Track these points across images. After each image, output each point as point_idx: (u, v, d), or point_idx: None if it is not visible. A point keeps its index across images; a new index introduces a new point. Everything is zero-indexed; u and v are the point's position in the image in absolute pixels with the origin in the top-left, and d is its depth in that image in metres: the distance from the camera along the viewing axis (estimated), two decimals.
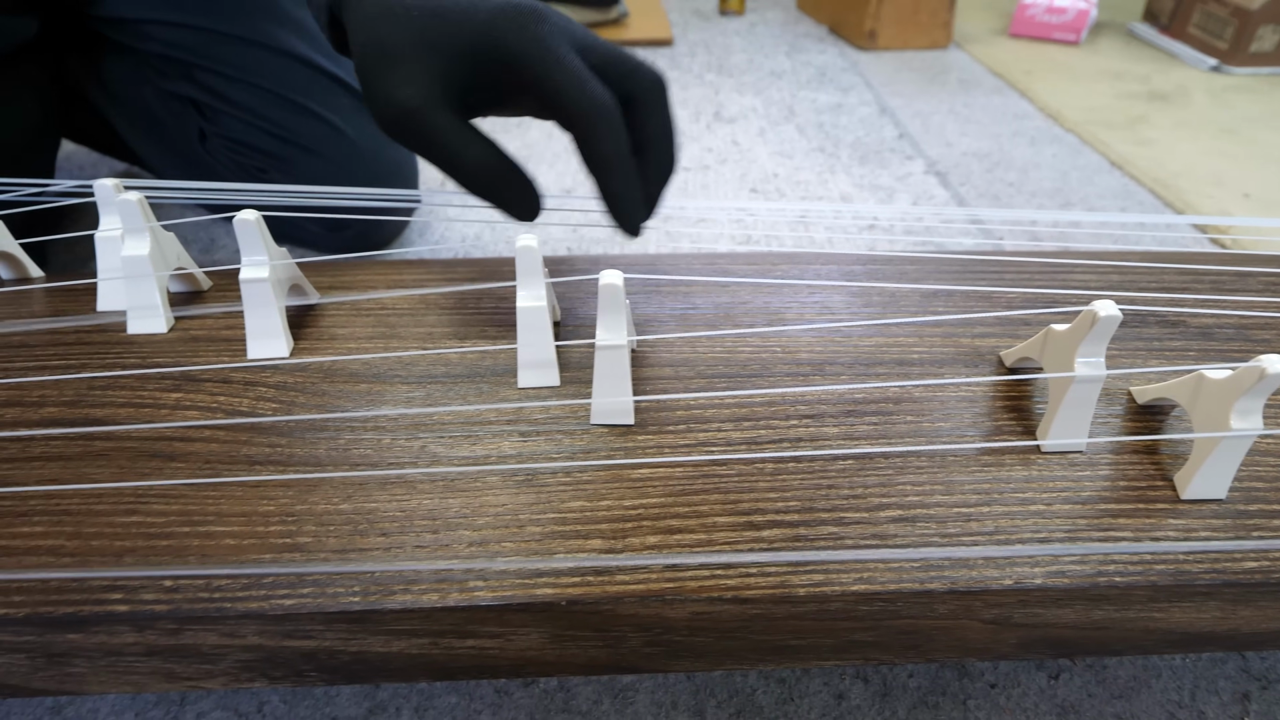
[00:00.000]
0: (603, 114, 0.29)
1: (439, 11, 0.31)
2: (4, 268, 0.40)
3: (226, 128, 0.64)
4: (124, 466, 0.28)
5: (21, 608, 0.25)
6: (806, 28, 1.54)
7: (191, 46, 0.62)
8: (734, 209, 0.74)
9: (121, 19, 0.62)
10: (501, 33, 0.30)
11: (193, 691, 0.32)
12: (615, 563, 0.26)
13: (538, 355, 0.31)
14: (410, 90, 0.30)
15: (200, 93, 0.63)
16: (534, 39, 0.30)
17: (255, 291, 0.31)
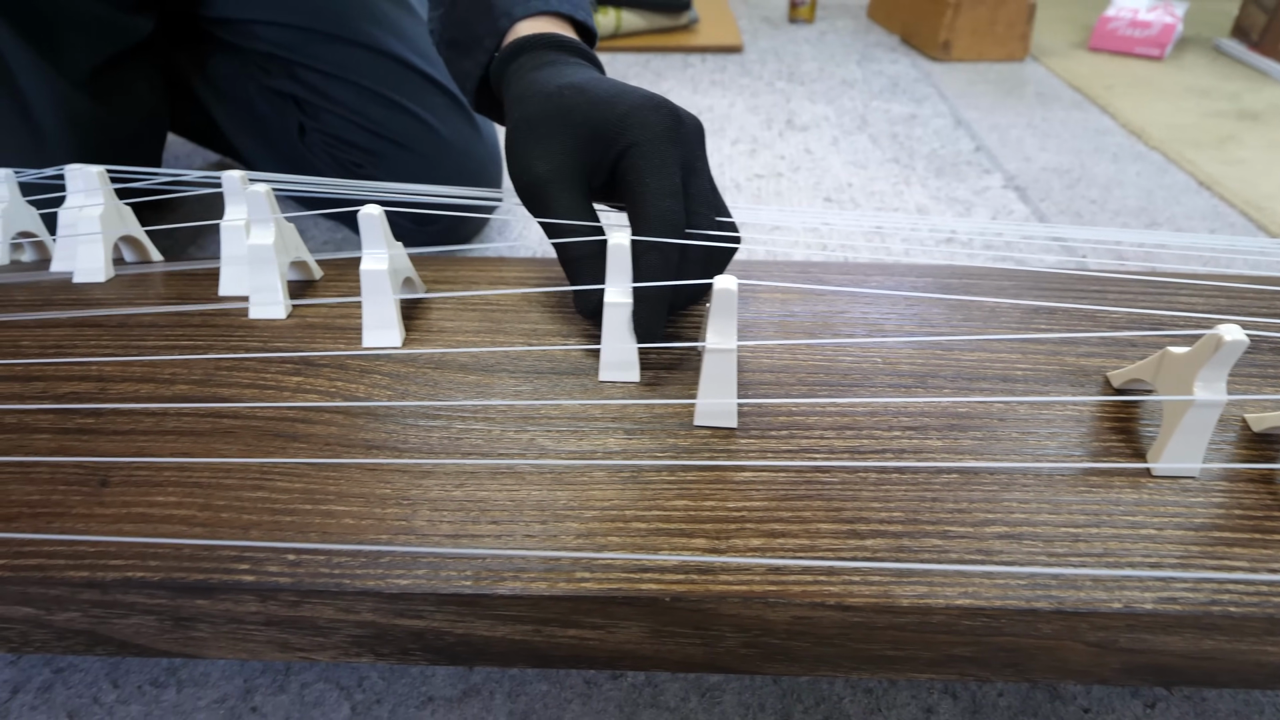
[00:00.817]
0: (666, 228, 0.31)
1: (587, 95, 0.34)
2: (128, 250, 0.42)
3: (326, 124, 0.66)
4: (250, 444, 0.30)
5: (157, 572, 0.27)
6: (877, 37, 1.53)
7: (294, 46, 0.64)
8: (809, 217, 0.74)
9: (229, 19, 0.65)
10: (632, 125, 0.32)
11: (299, 662, 0.34)
12: (719, 562, 0.26)
13: (620, 354, 0.31)
14: (545, 165, 0.33)
15: (302, 90, 0.65)
16: (653, 140, 0.32)
17: (374, 283, 0.33)
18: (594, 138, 0.33)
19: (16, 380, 0.33)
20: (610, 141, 0.32)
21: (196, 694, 0.32)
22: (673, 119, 0.33)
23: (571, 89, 0.34)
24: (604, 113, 0.33)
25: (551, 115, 0.34)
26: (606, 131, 0.32)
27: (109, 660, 0.34)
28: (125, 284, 0.39)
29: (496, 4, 0.40)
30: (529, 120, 0.34)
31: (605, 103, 0.33)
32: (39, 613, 0.28)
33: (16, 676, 0.33)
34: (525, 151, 0.34)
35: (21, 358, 0.34)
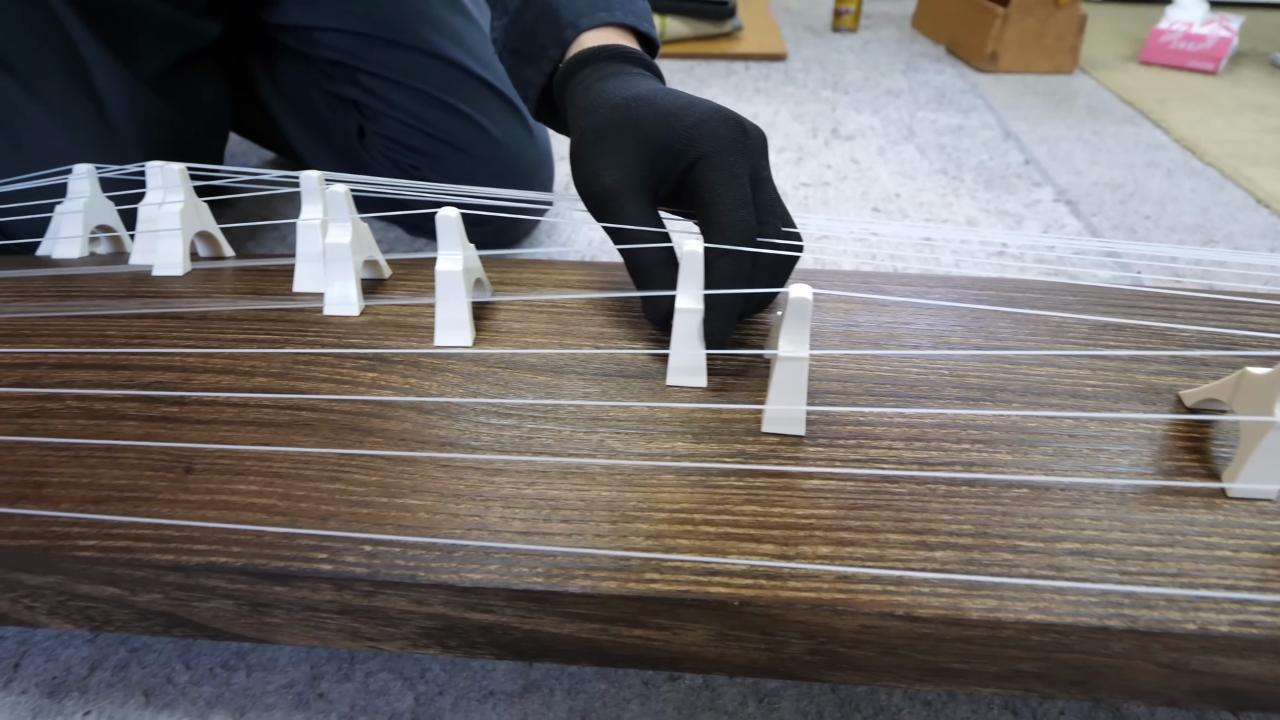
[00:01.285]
0: (739, 237, 0.31)
1: (655, 108, 0.34)
2: (202, 245, 0.43)
3: (385, 127, 0.68)
4: (328, 436, 0.31)
5: (239, 557, 0.28)
6: (922, 47, 1.52)
7: (356, 52, 0.66)
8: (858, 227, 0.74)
9: (295, 26, 0.67)
10: (701, 137, 0.33)
11: (363, 651, 0.34)
12: (787, 568, 0.26)
13: (689, 359, 0.32)
14: (614, 175, 0.34)
15: (363, 95, 0.67)
16: (722, 151, 0.32)
17: (449, 283, 0.33)
18: (663, 150, 0.33)
19: (104, 368, 0.34)
20: (679, 154, 0.33)
21: (265, 678, 0.33)
22: (740, 131, 0.33)
23: (639, 101, 0.35)
24: (672, 125, 0.33)
25: (620, 127, 0.34)
26: (675, 143, 0.33)
27: (180, 642, 0.35)
28: (202, 278, 0.40)
29: (563, 15, 0.41)
30: (597, 131, 0.35)
31: (673, 115, 0.34)
32: (123, 593, 0.29)
33: (94, 654, 0.34)
34: (594, 162, 0.34)
35: (108, 347, 0.35)
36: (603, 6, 0.41)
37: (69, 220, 0.45)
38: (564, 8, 0.41)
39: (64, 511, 0.29)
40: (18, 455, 0.31)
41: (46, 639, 0.35)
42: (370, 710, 0.32)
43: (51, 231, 0.46)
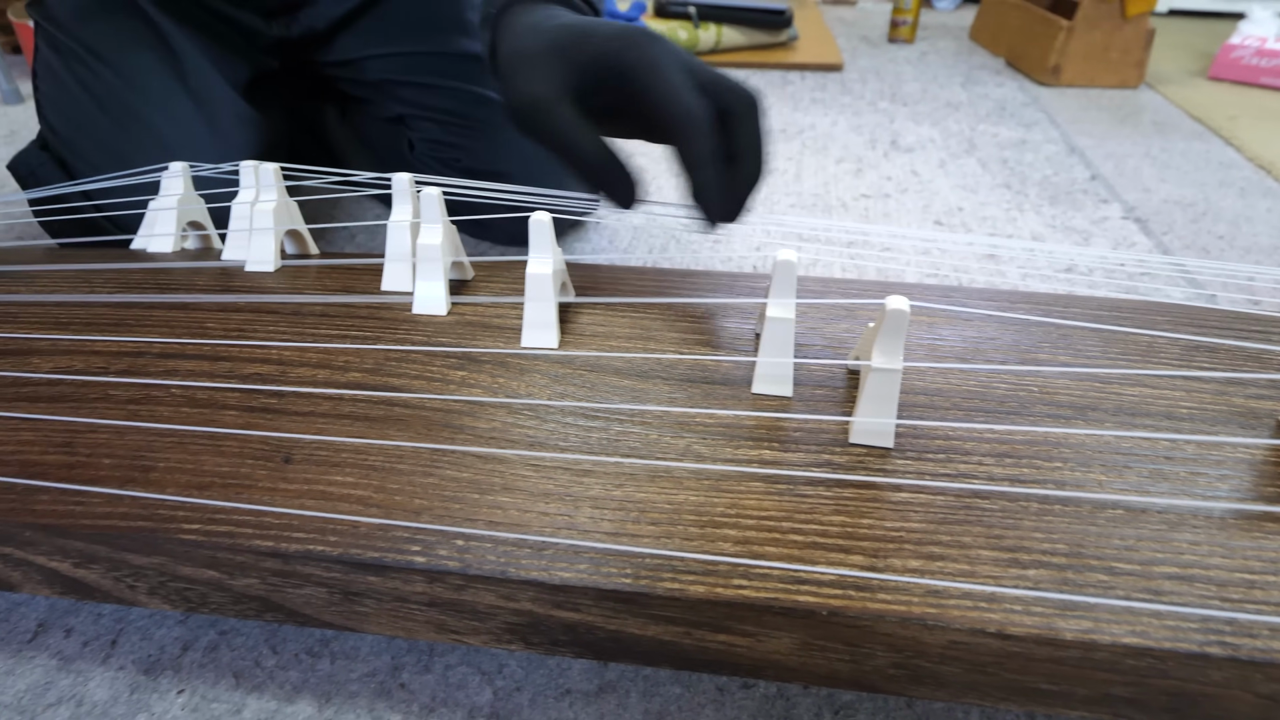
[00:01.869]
0: (695, 120, 0.33)
1: (570, 28, 0.36)
2: (290, 243, 0.45)
3: (427, 132, 0.71)
4: (420, 432, 0.31)
5: (336, 547, 0.29)
6: (981, 59, 1.50)
7: (399, 69, 0.70)
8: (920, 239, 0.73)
9: (346, 60, 0.71)
10: (618, 49, 0.34)
11: (445, 644, 0.35)
12: (877, 580, 0.26)
13: (776, 368, 0.32)
14: (541, 86, 0.35)
15: (406, 108, 0.71)
16: (645, 56, 0.34)
17: (539, 285, 0.34)
18: (588, 65, 0.35)
19: (205, 359, 0.35)
20: (606, 69, 0.35)
21: (349, 666, 0.34)
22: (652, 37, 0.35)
23: (564, 27, 0.37)
24: (593, 41, 0.35)
25: (544, 47, 0.36)
26: (600, 59, 0.35)
27: (267, 627, 0.36)
28: (292, 274, 0.41)
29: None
30: (520, 52, 0.37)
31: (593, 32, 0.35)
32: (222, 576, 0.30)
33: (185, 635, 0.36)
34: (518, 75, 0.36)
35: (208, 338, 0.36)
36: None
37: (163, 216, 0.47)
38: None
39: (170, 495, 0.30)
40: (126, 440, 0.32)
41: (141, 618, 0.37)
42: (450, 703, 0.33)
43: (146, 227, 0.48)
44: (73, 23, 0.59)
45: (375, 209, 0.80)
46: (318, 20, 0.68)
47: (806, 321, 0.36)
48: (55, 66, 0.59)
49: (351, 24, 0.70)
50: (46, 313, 0.39)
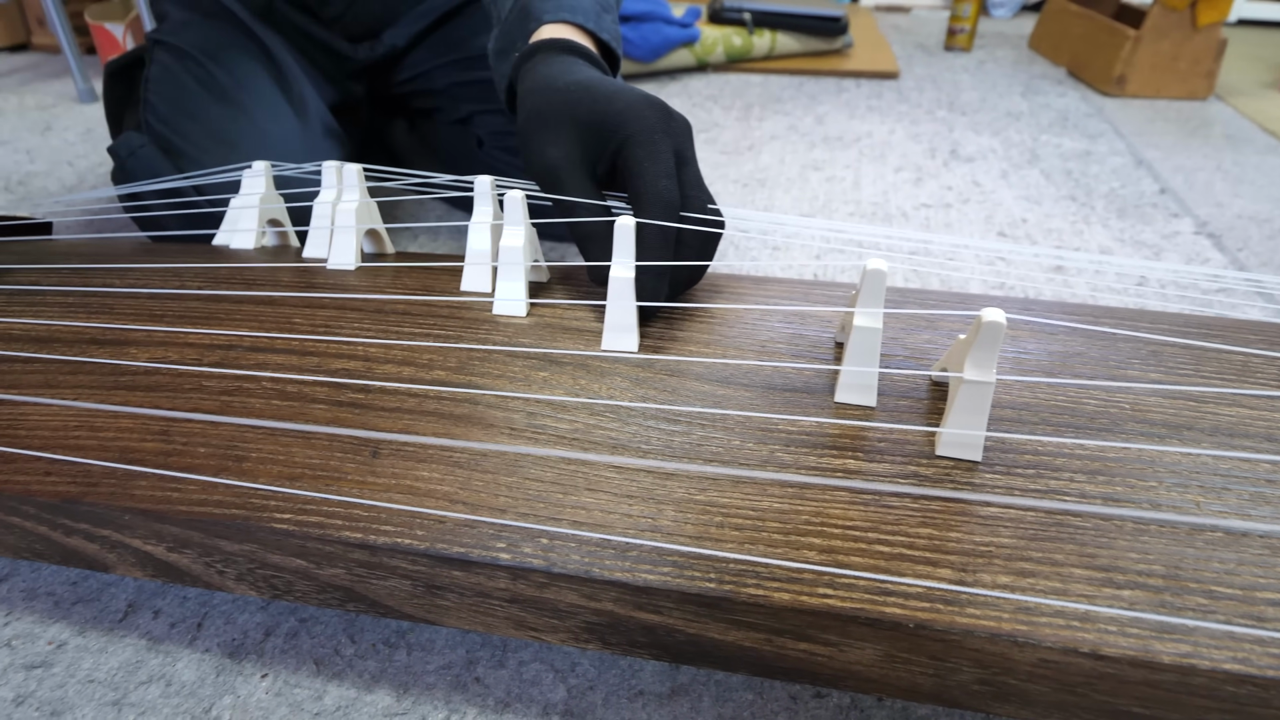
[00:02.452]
0: (665, 205, 0.35)
1: (584, 89, 0.38)
2: (369, 242, 0.46)
3: (492, 124, 0.74)
4: (504, 432, 0.32)
5: (423, 541, 0.29)
6: (1041, 68, 1.48)
7: (464, 70, 0.73)
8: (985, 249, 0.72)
9: (415, 75, 0.76)
10: (629, 120, 0.36)
11: (521, 640, 0.36)
12: (965, 593, 0.26)
13: (861, 378, 0.32)
14: (554, 151, 0.38)
15: (472, 105, 0.74)
16: (648, 131, 0.36)
17: (621, 289, 0.34)
18: (596, 131, 0.37)
19: (294, 353, 0.36)
20: (610, 135, 0.37)
21: (424, 658, 0.35)
22: (665, 115, 0.37)
23: (577, 86, 0.39)
24: (604, 109, 0.37)
25: (559, 109, 0.38)
26: (607, 126, 0.37)
27: (345, 616, 0.37)
28: (372, 273, 0.42)
29: (531, 12, 0.47)
30: (539, 112, 0.39)
31: (606, 99, 0.37)
32: (309, 566, 0.31)
33: (267, 621, 0.37)
34: (538, 139, 0.38)
35: (296, 333, 0.37)
36: (567, 8, 0.46)
37: (246, 214, 0.48)
38: (534, 7, 0.46)
39: (262, 485, 0.31)
40: (219, 430, 0.33)
41: (224, 602, 0.38)
42: (525, 698, 0.33)
43: (229, 224, 0.49)
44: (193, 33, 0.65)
45: (437, 210, 0.81)
46: (398, 38, 0.73)
47: (887, 331, 0.36)
48: (172, 66, 0.64)
49: (426, 38, 0.74)
50: (141, 305, 0.40)
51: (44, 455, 0.33)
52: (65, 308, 0.41)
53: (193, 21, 0.67)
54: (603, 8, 0.49)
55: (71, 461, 0.33)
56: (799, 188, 0.89)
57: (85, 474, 0.32)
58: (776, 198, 0.86)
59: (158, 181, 0.57)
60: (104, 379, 0.36)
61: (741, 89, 1.31)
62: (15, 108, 1.22)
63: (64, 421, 0.34)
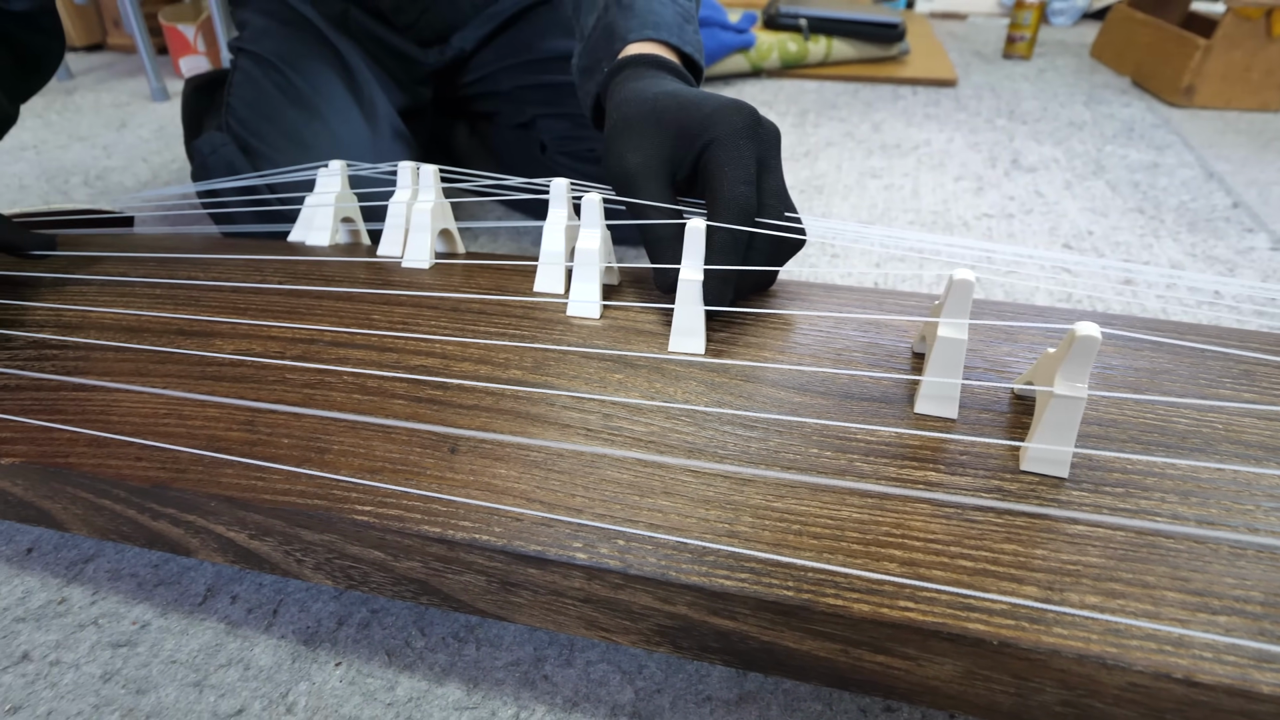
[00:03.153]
0: (740, 210, 0.34)
1: (671, 97, 0.39)
2: (441, 242, 0.47)
3: (557, 129, 0.74)
4: (580, 432, 0.32)
5: (501, 537, 0.29)
6: (1104, 77, 1.44)
7: (530, 74, 0.74)
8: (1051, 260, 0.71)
9: (480, 78, 0.77)
10: (715, 123, 0.36)
11: (583, 639, 0.36)
12: (1053, 612, 0.26)
13: (943, 389, 0.31)
14: (636, 158, 0.38)
15: (537, 108, 0.75)
16: (733, 134, 0.36)
17: (690, 292, 0.34)
18: (680, 135, 0.37)
19: (373, 349, 0.37)
20: (695, 138, 0.36)
21: (493, 654, 0.35)
22: (752, 120, 0.36)
23: (665, 95, 0.39)
24: (691, 113, 0.37)
25: (645, 117, 0.39)
26: (692, 129, 0.37)
27: (415, 609, 0.37)
28: (446, 272, 0.43)
29: (616, 31, 0.47)
30: (626, 120, 0.39)
31: (693, 105, 0.37)
32: (387, 558, 0.32)
33: (339, 610, 0.37)
34: (620, 147, 0.39)
35: (375, 329, 0.38)
36: (651, 25, 0.47)
37: (321, 212, 0.49)
38: (619, 26, 0.47)
39: (344, 477, 0.32)
40: (303, 422, 0.34)
41: (298, 591, 0.39)
42: (593, 698, 0.33)
43: (304, 221, 0.50)
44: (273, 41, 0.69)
45: (496, 211, 0.82)
46: (466, 42, 0.75)
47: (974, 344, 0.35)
48: (252, 72, 0.67)
49: (492, 41, 0.76)
50: (225, 298, 0.42)
51: (135, 441, 0.34)
52: (153, 298, 0.42)
53: (272, 30, 0.70)
54: (684, 18, 0.49)
55: (161, 448, 0.34)
56: (857, 195, 0.89)
57: (174, 460, 0.34)
58: (834, 204, 0.86)
59: (233, 179, 0.59)
60: (191, 369, 0.37)
61: (796, 95, 1.30)
62: (92, 105, 1.27)
63: (154, 409, 0.36)
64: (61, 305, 0.43)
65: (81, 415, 0.36)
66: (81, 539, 0.42)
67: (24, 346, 0.40)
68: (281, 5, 0.71)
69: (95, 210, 0.58)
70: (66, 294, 0.44)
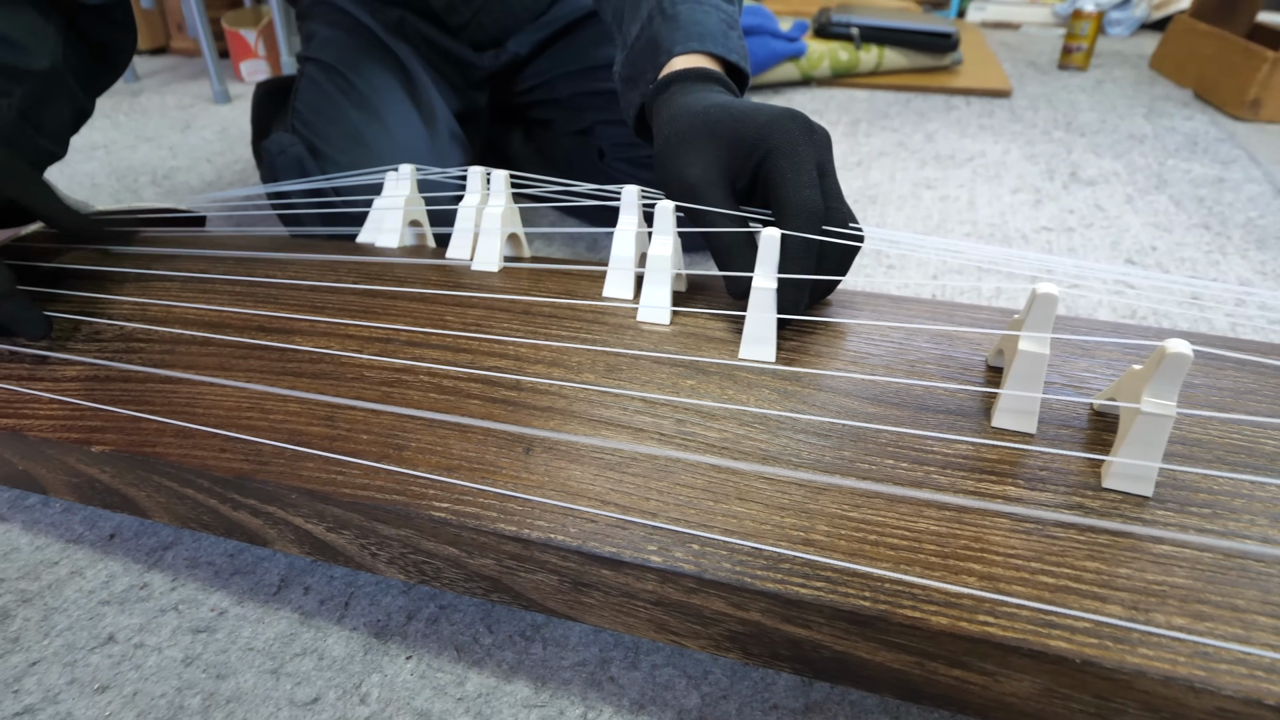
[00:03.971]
0: (809, 215, 0.35)
1: (723, 109, 0.39)
2: (509, 247, 0.47)
3: (613, 136, 0.75)
4: (655, 437, 0.33)
5: (576, 538, 0.30)
6: (1164, 89, 1.41)
7: (588, 81, 0.75)
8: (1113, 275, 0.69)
9: (537, 85, 0.79)
10: (772, 132, 0.37)
11: (648, 643, 0.36)
12: (1139, 632, 0.25)
13: (1023, 403, 0.31)
14: (697, 170, 0.38)
15: (596, 115, 0.76)
16: (791, 142, 0.36)
17: (763, 300, 0.35)
18: (738, 146, 0.37)
19: (448, 349, 0.38)
20: (753, 148, 0.37)
21: (559, 654, 0.35)
22: (807, 127, 0.37)
23: (716, 108, 0.40)
24: (746, 124, 0.38)
25: (699, 130, 0.39)
26: (749, 139, 0.37)
27: (482, 606, 0.38)
28: (514, 275, 0.44)
29: (661, 43, 0.47)
30: (680, 134, 0.40)
31: (747, 116, 0.38)
32: (461, 554, 0.32)
33: (408, 605, 0.38)
34: (678, 160, 0.39)
35: (449, 330, 0.39)
36: (696, 37, 0.47)
37: (391, 214, 0.50)
38: (664, 38, 0.47)
39: (422, 473, 0.32)
40: (381, 418, 0.35)
41: (368, 584, 0.39)
42: (659, 702, 0.33)
43: (373, 222, 0.52)
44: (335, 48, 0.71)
45: (550, 216, 0.83)
46: (522, 46, 0.76)
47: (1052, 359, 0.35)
48: (317, 77, 0.70)
49: (548, 48, 0.77)
50: (303, 297, 0.43)
51: (219, 432, 0.36)
52: (234, 295, 0.44)
53: (336, 38, 0.72)
54: (728, 25, 0.50)
55: (244, 440, 0.35)
56: (911, 206, 0.88)
57: (257, 452, 0.35)
58: (889, 215, 0.85)
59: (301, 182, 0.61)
60: (272, 364, 0.38)
61: (847, 104, 1.30)
62: (158, 107, 1.31)
63: (237, 402, 0.37)
64: (147, 300, 0.44)
65: (168, 406, 0.37)
66: (160, 526, 0.44)
67: (113, 339, 0.42)
68: (344, 15, 0.73)
69: (171, 210, 0.60)
70: (151, 289, 0.46)
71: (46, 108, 0.48)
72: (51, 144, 0.48)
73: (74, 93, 0.50)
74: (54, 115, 0.48)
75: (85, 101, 0.52)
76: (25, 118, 0.46)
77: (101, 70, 0.55)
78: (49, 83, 0.48)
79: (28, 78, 0.46)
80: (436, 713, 0.33)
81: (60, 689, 0.34)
